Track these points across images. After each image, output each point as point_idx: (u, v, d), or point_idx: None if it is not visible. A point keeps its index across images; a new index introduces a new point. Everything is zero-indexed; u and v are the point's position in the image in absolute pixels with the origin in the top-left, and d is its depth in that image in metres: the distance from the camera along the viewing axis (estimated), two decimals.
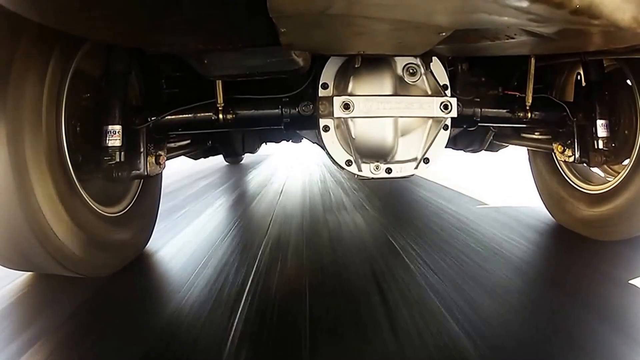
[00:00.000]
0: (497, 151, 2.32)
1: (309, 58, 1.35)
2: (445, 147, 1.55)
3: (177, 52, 1.33)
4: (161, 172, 1.73)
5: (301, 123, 1.62)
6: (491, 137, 2.12)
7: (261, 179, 4.20)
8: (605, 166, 1.86)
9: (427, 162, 1.51)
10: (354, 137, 1.46)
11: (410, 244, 1.83)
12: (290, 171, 4.73)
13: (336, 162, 1.51)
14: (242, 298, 1.34)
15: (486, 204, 2.65)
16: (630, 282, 1.41)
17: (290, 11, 0.88)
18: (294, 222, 2.32)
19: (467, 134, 2.10)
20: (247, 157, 5.87)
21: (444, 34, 1.11)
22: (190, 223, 2.32)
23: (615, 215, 1.71)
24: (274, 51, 1.20)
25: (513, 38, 1.20)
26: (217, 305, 1.30)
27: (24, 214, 1.18)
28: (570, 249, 1.82)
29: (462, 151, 2.34)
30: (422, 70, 1.46)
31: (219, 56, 1.27)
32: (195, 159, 2.58)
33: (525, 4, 0.89)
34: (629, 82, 1.65)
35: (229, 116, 1.54)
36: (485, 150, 2.24)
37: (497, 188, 3.33)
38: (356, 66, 1.39)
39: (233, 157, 4.53)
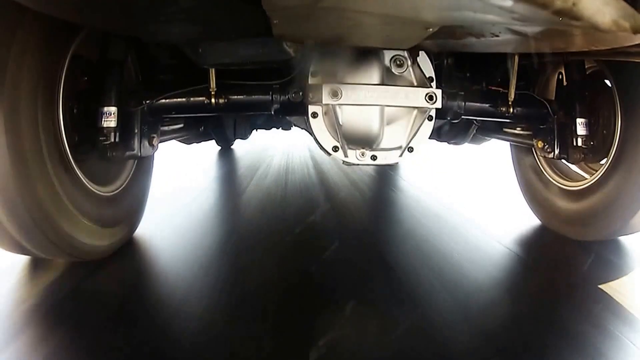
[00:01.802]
0: (480, 144, 2.38)
1: (300, 48, 1.39)
2: (429, 138, 1.60)
3: (173, 42, 1.36)
4: (153, 154, 1.77)
5: (290, 109, 1.66)
6: (474, 131, 2.17)
7: None
8: (583, 164, 1.92)
9: (411, 151, 1.56)
10: (341, 123, 1.50)
11: None
12: None
13: (323, 148, 1.56)
14: None
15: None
16: (599, 286, 1.41)
17: (282, 4, 0.92)
18: None
19: (451, 127, 2.15)
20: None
21: (431, 29, 1.15)
22: None
23: (590, 214, 1.76)
24: (267, 42, 1.25)
25: (498, 36, 1.24)
26: None
27: (20, 194, 1.18)
28: (546, 248, 1.87)
29: (445, 143, 2.40)
30: (409, 63, 1.50)
31: (213, 46, 1.31)
32: (188, 144, 2.61)
33: (509, 4, 0.93)
34: (608, 83, 1.70)
35: (221, 101, 1.58)
36: (468, 143, 2.30)
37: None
38: (345, 56, 1.43)
39: (225, 142, 4.61)
